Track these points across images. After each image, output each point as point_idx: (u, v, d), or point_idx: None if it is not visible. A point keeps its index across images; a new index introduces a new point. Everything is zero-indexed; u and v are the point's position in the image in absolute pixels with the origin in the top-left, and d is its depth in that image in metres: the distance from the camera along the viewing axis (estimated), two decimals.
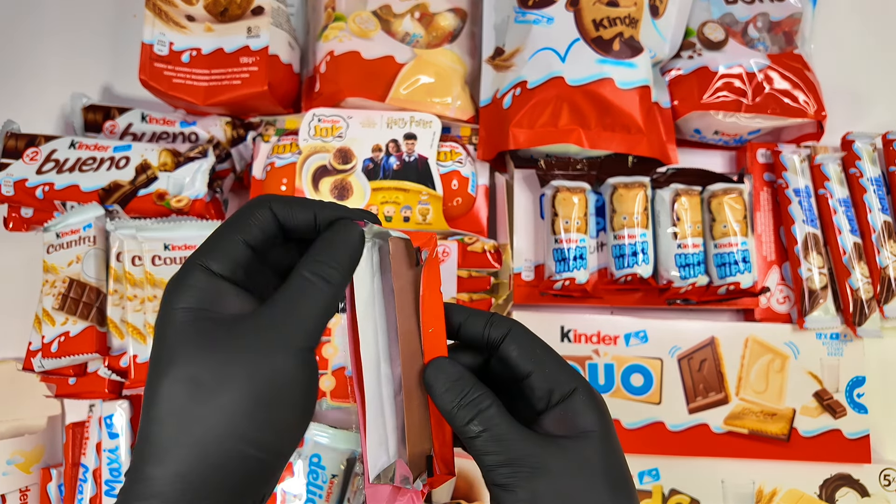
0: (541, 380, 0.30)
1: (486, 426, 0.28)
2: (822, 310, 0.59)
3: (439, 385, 0.30)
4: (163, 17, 0.61)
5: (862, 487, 0.58)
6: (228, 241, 0.28)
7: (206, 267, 0.27)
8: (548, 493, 0.27)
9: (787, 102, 0.61)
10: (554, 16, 0.60)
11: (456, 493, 0.56)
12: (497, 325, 0.31)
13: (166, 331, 0.26)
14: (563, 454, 0.28)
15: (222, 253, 0.28)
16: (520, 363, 0.31)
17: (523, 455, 0.27)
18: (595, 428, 0.29)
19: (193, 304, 0.27)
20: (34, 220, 0.60)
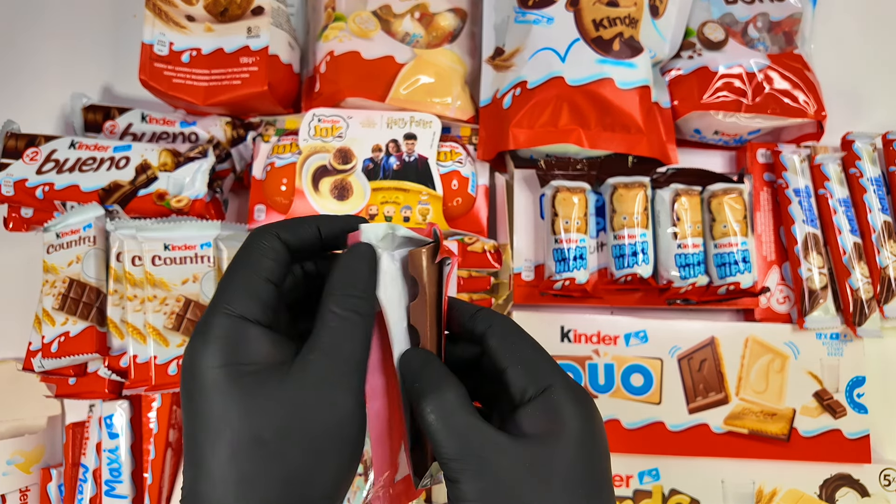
0: (517, 375, 0.29)
1: (441, 414, 0.27)
2: (822, 310, 0.59)
3: (407, 371, 0.29)
4: (163, 18, 0.61)
5: (862, 487, 0.58)
6: (251, 280, 0.27)
7: (236, 314, 0.26)
8: (494, 493, 0.25)
9: (787, 102, 0.61)
10: (554, 16, 0.60)
11: None
12: (481, 319, 0.31)
13: (208, 392, 0.25)
14: (519, 453, 0.26)
15: (248, 295, 0.26)
16: (497, 356, 0.30)
17: (474, 449, 0.26)
18: (567, 428, 0.27)
19: (229, 359, 0.25)
20: (34, 221, 0.60)
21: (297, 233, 0.29)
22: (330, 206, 0.58)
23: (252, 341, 0.26)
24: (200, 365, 0.25)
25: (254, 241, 0.28)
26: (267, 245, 0.28)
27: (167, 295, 0.55)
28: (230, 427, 0.24)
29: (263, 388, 0.25)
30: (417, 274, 0.30)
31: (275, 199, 0.60)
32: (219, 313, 0.26)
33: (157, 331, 0.54)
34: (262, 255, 0.28)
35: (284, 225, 0.29)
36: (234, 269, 0.28)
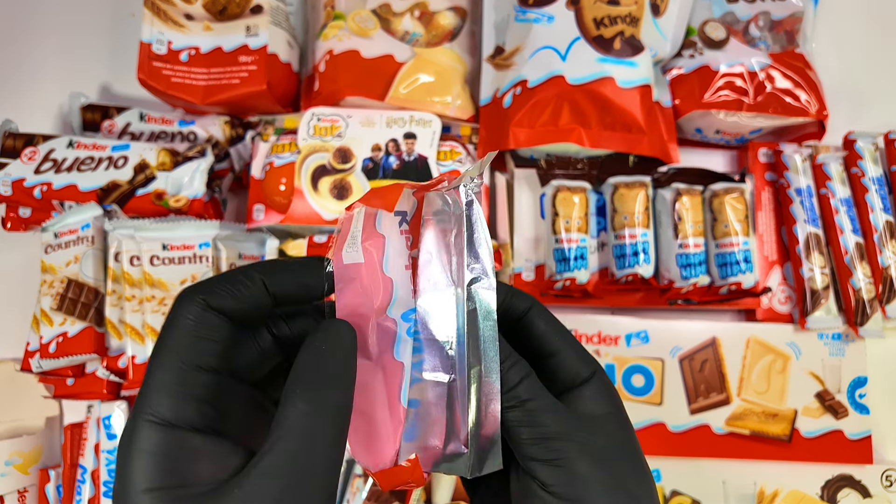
0: (565, 361, 0.28)
1: (526, 396, 0.25)
2: (824, 310, 0.59)
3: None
4: (161, 16, 0.61)
5: (864, 488, 0.57)
6: (177, 372, 0.21)
7: (161, 421, 0.20)
8: (592, 471, 0.25)
9: (789, 102, 0.61)
10: (554, 14, 0.60)
11: (456, 493, 0.55)
12: (520, 297, 0.29)
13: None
14: (600, 431, 0.26)
15: (176, 394, 0.21)
16: (546, 340, 0.28)
17: (566, 430, 0.25)
18: (613, 411, 0.27)
19: (159, 481, 0.20)
20: (32, 220, 0.60)
21: (236, 295, 0.23)
22: (329, 205, 0.58)
23: (186, 455, 0.20)
24: (126, 488, 0.20)
25: (176, 317, 0.22)
26: (192, 320, 0.22)
27: (165, 295, 0.54)
28: None
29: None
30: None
31: (274, 198, 0.59)
32: (142, 422, 0.20)
33: (155, 331, 0.54)
34: (189, 335, 0.21)
35: (214, 287, 0.22)
36: (155, 358, 0.21)
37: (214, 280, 0.23)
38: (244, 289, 0.23)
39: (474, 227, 0.26)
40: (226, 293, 0.23)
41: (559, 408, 0.26)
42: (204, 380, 0.21)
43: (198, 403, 0.21)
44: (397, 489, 0.26)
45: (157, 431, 0.20)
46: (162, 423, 0.20)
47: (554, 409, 0.26)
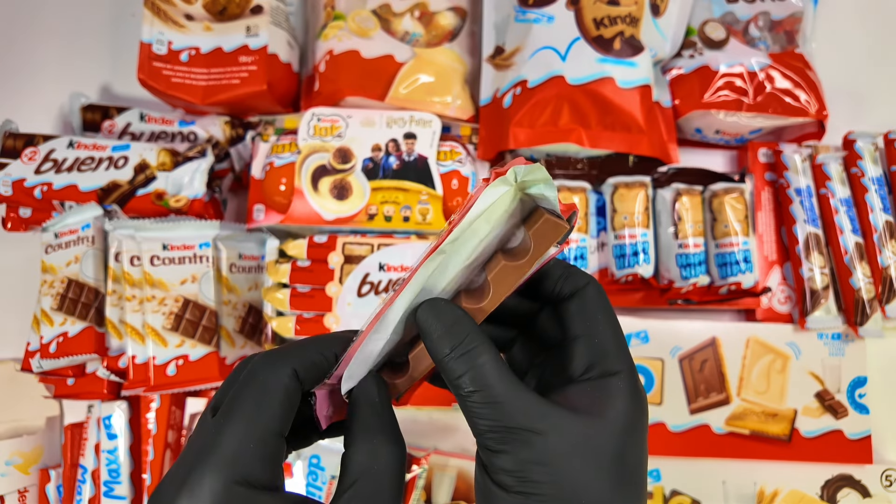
0: (589, 347, 0.26)
1: (479, 385, 0.24)
2: (824, 310, 0.59)
3: (434, 328, 0.25)
4: (161, 17, 0.61)
5: (863, 488, 0.57)
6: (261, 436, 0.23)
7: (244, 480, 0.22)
8: (536, 466, 0.23)
9: (789, 102, 0.61)
10: (554, 15, 0.60)
11: (456, 493, 0.55)
12: (573, 278, 0.27)
13: None
14: (567, 429, 0.24)
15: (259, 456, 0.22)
16: (574, 323, 0.27)
17: (518, 422, 0.24)
18: (621, 417, 0.25)
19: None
20: (32, 220, 0.60)
21: (316, 365, 0.25)
22: (329, 205, 0.58)
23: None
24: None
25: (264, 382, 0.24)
26: (280, 387, 0.24)
27: (166, 295, 0.54)
28: None
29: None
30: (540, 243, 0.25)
31: (274, 198, 0.59)
32: (218, 477, 0.21)
33: (155, 331, 0.54)
34: (274, 401, 0.23)
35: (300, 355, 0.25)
36: (237, 417, 0.23)
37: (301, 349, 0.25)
38: (325, 363, 0.26)
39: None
40: (310, 363, 0.25)
41: (520, 396, 0.24)
42: (279, 444, 0.23)
43: (273, 465, 0.23)
44: None
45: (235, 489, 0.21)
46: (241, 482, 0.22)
47: (512, 397, 0.24)
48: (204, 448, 0.22)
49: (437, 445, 0.58)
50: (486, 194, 0.25)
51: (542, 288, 0.28)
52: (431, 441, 0.59)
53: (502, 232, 0.26)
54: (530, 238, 0.25)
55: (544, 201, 0.25)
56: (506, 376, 0.24)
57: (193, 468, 0.22)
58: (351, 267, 0.55)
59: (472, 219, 0.25)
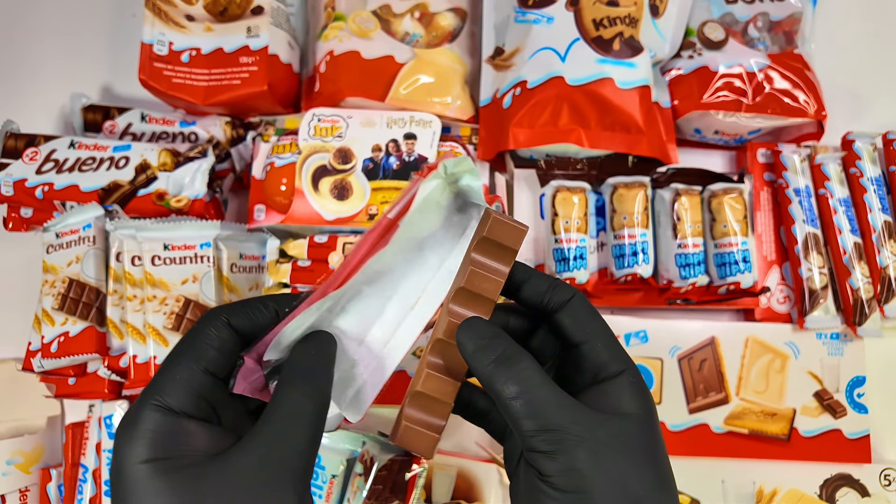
0: (591, 353, 0.28)
1: (523, 389, 0.26)
2: (823, 310, 0.59)
3: (471, 343, 0.28)
4: (162, 17, 0.61)
5: (862, 487, 0.58)
6: (185, 370, 0.25)
7: (163, 405, 0.24)
8: (591, 465, 0.25)
9: (788, 102, 0.61)
10: (554, 15, 0.60)
11: (456, 493, 0.56)
12: (560, 290, 0.30)
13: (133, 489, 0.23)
14: (607, 427, 0.26)
15: (180, 386, 0.25)
16: (574, 332, 0.29)
17: (566, 423, 0.25)
18: (639, 412, 0.27)
19: (155, 453, 0.23)
20: (34, 220, 0.60)
21: (252, 318, 0.28)
22: (330, 205, 0.58)
23: (182, 435, 0.24)
24: (125, 460, 0.23)
25: (200, 328, 0.27)
26: (213, 333, 0.27)
27: (167, 295, 0.55)
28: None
29: (193, 483, 0.23)
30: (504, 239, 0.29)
31: (275, 198, 0.60)
32: (147, 406, 0.24)
33: (156, 331, 0.54)
34: (205, 344, 0.26)
35: (237, 309, 0.28)
36: (173, 358, 0.26)
37: (239, 304, 0.28)
38: (260, 315, 0.28)
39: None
40: (245, 315, 0.28)
41: (565, 400, 0.26)
42: (205, 380, 0.26)
43: (196, 397, 0.25)
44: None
45: (160, 415, 0.24)
46: (165, 408, 0.24)
47: (559, 400, 0.26)
48: (143, 389, 0.26)
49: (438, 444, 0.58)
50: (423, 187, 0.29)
51: (531, 304, 0.31)
52: None
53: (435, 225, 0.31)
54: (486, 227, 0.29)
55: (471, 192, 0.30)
56: (547, 381, 0.27)
57: (132, 406, 0.25)
58: None
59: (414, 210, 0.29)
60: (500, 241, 0.29)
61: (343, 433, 0.54)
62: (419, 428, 0.30)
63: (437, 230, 0.32)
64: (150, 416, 0.24)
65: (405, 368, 0.55)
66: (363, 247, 0.30)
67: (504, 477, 0.55)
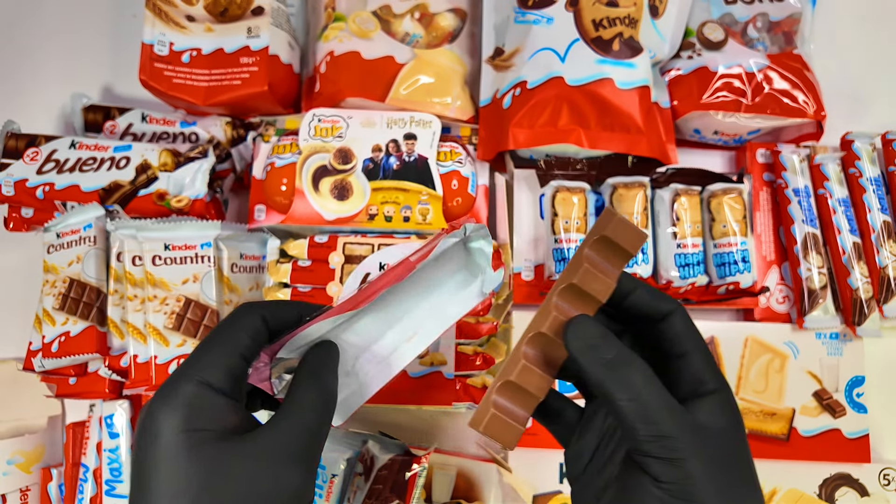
0: (692, 367, 0.29)
1: (637, 392, 0.27)
2: (822, 309, 0.59)
3: (582, 342, 0.29)
4: (163, 18, 0.61)
5: (861, 487, 0.58)
6: (227, 354, 0.29)
7: (204, 381, 0.27)
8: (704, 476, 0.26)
9: (787, 102, 0.61)
10: (553, 16, 0.60)
11: (456, 492, 0.56)
12: (666, 301, 0.31)
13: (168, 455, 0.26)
14: (716, 441, 0.27)
15: (220, 366, 0.28)
16: (676, 343, 0.30)
17: (680, 432, 0.26)
18: (739, 428, 0.28)
19: (193, 424, 0.26)
20: (34, 221, 0.60)
21: (280, 317, 0.31)
22: (330, 205, 0.58)
23: (217, 409, 0.27)
24: (163, 427, 0.26)
25: (240, 318, 0.30)
26: (250, 324, 0.30)
27: (167, 295, 0.55)
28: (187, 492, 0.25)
29: (223, 455, 0.26)
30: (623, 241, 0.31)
31: (275, 199, 0.60)
32: (188, 381, 0.27)
33: (157, 330, 0.54)
34: (243, 333, 0.30)
35: (270, 307, 0.32)
36: (213, 341, 0.29)
37: (272, 303, 0.33)
38: (288, 314, 0.32)
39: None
40: (276, 313, 0.31)
41: (677, 409, 0.27)
42: (240, 364, 0.29)
43: (232, 378, 0.28)
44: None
45: (198, 388, 0.27)
46: (205, 384, 0.27)
47: (672, 409, 0.27)
48: (182, 365, 0.28)
49: (438, 444, 0.58)
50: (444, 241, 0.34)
51: (634, 311, 0.31)
52: (432, 440, 0.59)
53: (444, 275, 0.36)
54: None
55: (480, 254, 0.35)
56: (661, 387, 0.27)
57: (171, 378, 0.27)
58: (351, 267, 0.55)
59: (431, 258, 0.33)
60: (619, 243, 0.30)
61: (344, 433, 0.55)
62: (506, 418, 0.30)
63: (445, 279, 0.37)
64: (190, 390, 0.27)
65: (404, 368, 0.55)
66: (384, 279, 0.34)
67: (504, 476, 0.56)
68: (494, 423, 0.30)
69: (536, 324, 0.31)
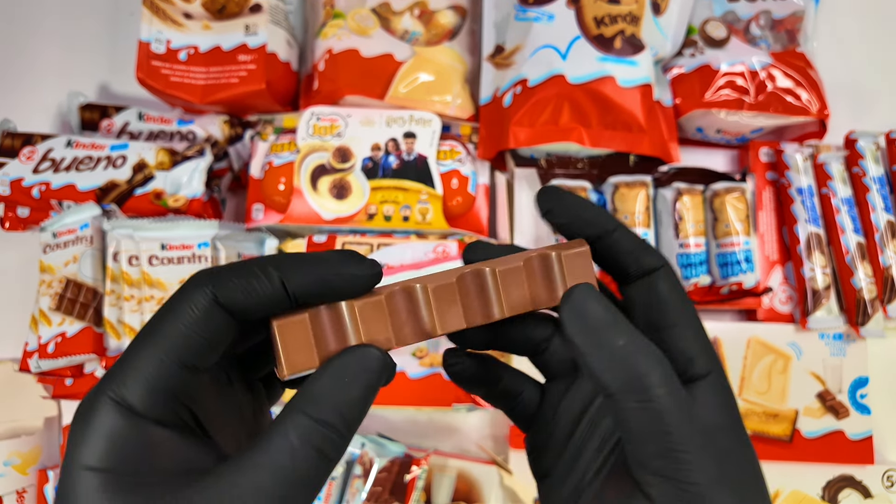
0: (680, 344, 0.23)
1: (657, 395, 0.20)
2: (825, 310, 0.59)
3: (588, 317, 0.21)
4: (160, 15, 0.61)
5: (865, 489, 0.57)
6: (156, 364, 0.19)
7: (122, 401, 0.19)
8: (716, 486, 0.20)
9: (790, 101, 0.61)
10: (555, 13, 0.59)
11: (456, 495, 0.55)
12: (649, 253, 0.23)
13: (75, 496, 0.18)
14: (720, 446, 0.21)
15: (148, 384, 0.19)
16: (660, 312, 0.23)
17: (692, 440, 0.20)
18: (734, 423, 0.22)
19: (106, 462, 0.18)
20: (31, 220, 0.60)
21: (249, 292, 0.20)
22: (329, 205, 0.58)
23: (145, 443, 0.19)
24: (70, 461, 0.18)
25: (179, 303, 0.20)
26: (194, 313, 0.19)
27: (164, 295, 0.54)
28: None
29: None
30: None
31: (273, 198, 0.59)
32: (103, 397, 0.19)
33: None
34: (184, 329, 0.19)
35: (226, 278, 0.20)
36: (141, 340, 0.20)
37: (229, 270, 0.20)
38: (259, 286, 0.20)
39: None
40: (239, 288, 0.20)
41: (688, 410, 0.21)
42: (184, 377, 0.19)
43: (169, 399, 0.19)
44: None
45: (117, 414, 0.18)
46: (124, 406, 0.19)
47: (684, 411, 0.21)
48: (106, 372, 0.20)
49: (437, 446, 0.58)
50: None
51: (604, 259, 0.24)
52: (431, 442, 0.58)
53: None
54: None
55: None
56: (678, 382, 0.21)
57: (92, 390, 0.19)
58: None
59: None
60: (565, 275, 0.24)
61: None
62: (312, 338, 0.22)
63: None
64: (105, 414, 0.18)
65: (404, 369, 0.55)
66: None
67: (505, 479, 0.55)
68: (297, 331, 0.21)
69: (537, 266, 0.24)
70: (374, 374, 0.21)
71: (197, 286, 0.20)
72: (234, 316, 0.20)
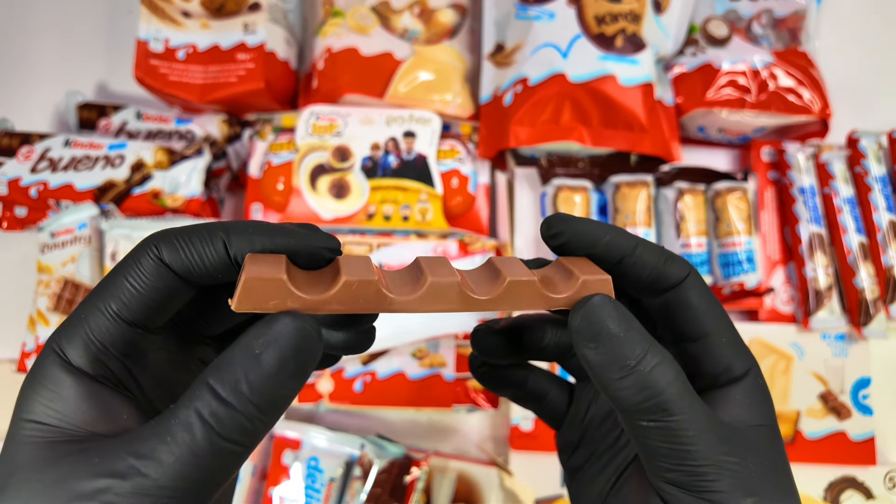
0: (716, 350, 0.22)
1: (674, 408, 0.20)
2: (828, 310, 0.58)
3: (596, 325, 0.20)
4: (158, 14, 0.60)
5: (867, 490, 0.57)
6: (99, 320, 0.19)
7: (64, 358, 0.19)
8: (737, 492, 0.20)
9: (792, 100, 0.60)
10: (555, 12, 0.59)
11: (456, 496, 0.55)
12: (676, 263, 0.23)
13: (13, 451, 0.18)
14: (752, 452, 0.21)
15: (82, 335, 0.19)
16: (697, 319, 0.22)
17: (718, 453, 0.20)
18: (768, 423, 0.22)
19: (42, 415, 0.18)
20: (28, 220, 0.60)
21: (191, 252, 0.20)
22: (328, 204, 0.57)
23: (74, 399, 0.19)
24: (17, 408, 0.19)
25: (126, 262, 0.20)
26: (138, 271, 0.20)
27: None
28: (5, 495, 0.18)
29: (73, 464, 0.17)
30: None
31: (272, 197, 0.59)
32: (49, 350, 0.19)
33: None
34: (127, 285, 0.19)
35: (172, 238, 0.20)
36: (89, 297, 0.20)
37: (179, 231, 0.20)
38: (203, 249, 0.20)
39: None
40: (182, 250, 0.20)
41: (711, 422, 0.20)
42: (128, 335, 0.20)
43: (108, 355, 0.19)
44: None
45: (56, 367, 0.19)
46: (63, 360, 0.19)
47: (705, 424, 0.20)
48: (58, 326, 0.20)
49: (437, 447, 0.58)
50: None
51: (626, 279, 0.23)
52: (431, 443, 0.58)
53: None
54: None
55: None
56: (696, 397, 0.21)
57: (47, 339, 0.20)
58: None
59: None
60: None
61: (341, 435, 0.54)
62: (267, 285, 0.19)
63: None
64: (46, 366, 0.19)
65: (404, 370, 0.55)
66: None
67: (505, 480, 0.55)
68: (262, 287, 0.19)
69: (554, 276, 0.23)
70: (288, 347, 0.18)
71: (144, 245, 0.20)
72: (181, 277, 0.20)
